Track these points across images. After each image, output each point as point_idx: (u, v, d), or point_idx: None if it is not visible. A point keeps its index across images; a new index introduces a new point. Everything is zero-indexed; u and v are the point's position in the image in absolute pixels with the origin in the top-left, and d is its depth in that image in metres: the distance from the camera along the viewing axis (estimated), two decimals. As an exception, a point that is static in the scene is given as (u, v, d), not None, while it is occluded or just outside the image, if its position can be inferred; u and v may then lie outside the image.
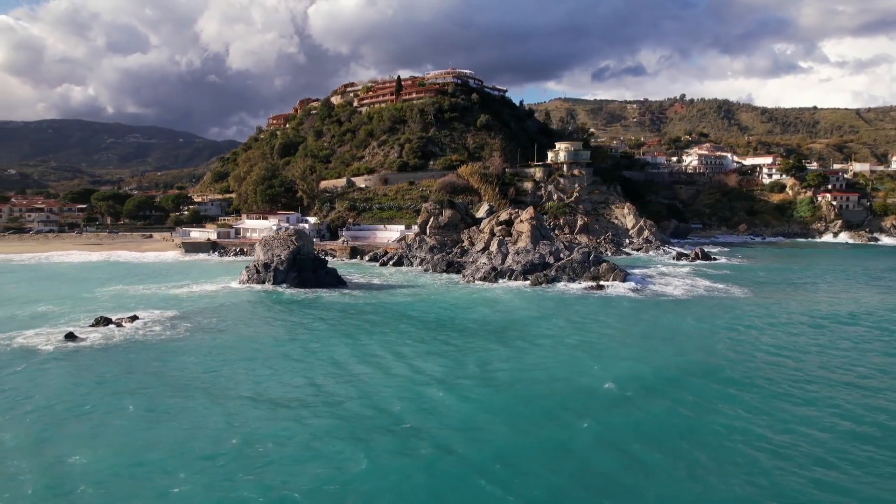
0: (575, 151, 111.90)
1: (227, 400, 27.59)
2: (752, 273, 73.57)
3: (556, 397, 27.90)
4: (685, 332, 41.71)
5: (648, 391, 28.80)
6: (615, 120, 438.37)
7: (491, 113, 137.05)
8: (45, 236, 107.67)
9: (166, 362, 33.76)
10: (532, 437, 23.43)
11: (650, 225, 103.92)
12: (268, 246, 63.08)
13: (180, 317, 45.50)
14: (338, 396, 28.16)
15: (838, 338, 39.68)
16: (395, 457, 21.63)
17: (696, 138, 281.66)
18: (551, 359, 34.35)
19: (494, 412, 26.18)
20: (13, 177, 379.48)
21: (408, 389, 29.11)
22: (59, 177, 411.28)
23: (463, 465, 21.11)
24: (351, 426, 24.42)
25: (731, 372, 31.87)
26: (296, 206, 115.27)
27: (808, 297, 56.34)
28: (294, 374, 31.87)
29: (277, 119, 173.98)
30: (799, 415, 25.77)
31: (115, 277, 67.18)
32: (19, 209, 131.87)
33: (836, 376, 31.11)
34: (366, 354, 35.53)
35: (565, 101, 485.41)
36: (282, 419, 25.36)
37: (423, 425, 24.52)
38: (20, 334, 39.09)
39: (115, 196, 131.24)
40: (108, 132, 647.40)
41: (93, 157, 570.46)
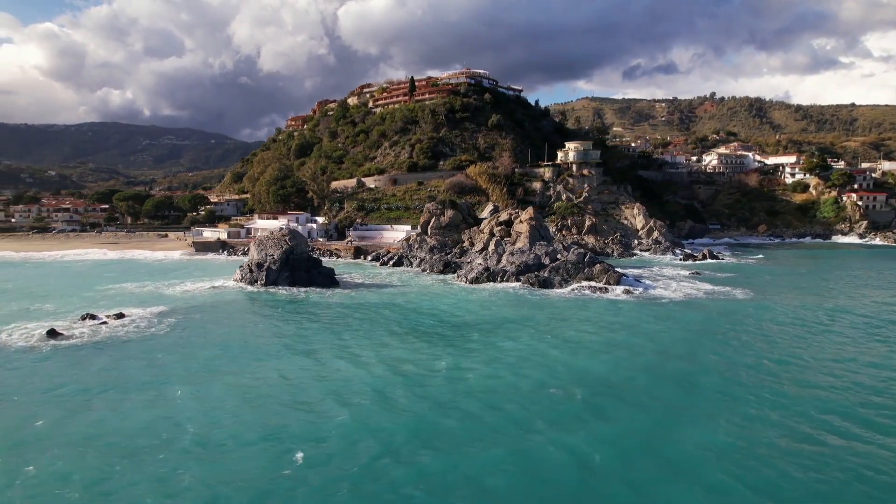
0: (584, 151, 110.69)
1: (184, 394, 28.25)
2: (759, 276, 71.63)
3: (491, 402, 27.68)
4: (656, 335, 40.85)
5: (593, 397, 28.39)
6: (643, 119, 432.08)
7: (504, 113, 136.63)
8: (67, 235, 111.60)
9: (136, 358, 34.64)
10: (451, 447, 23.37)
11: (660, 226, 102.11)
12: (262, 245, 64.14)
13: (165, 314, 46.63)
14: (263, 390, 28.55)
15: (824, 350, 38.23)
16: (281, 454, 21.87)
17: (723, 137, 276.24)
18: (497, 363, 33.83)
19: (403, 411, 26.20)
20: (53, 178, 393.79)
21: (340, 387, 29.32)
22: (96, 178, 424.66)
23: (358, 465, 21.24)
24: (261, 418, 24.77)
25: (694, 380, 31.19)
26: (308, 206, 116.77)
27: (810, 301, 54.56)
28: (250, 368, 32.42)
29: (296, 120, 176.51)
30: (751, 426, 25.13)
31: (119, 276, 69.20)
32: (47, 209, 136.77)
33: (794, 390, 30.18)
34: (316, 352, 35.98)
35: (592, 100, 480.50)
36: (224, 411, 25.86)
37: (337, 422, 24.72)
38: (4, 329, 40.67)
39: (136, 196, 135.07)
40: (143, 134, 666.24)
41: (129, 159, 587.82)
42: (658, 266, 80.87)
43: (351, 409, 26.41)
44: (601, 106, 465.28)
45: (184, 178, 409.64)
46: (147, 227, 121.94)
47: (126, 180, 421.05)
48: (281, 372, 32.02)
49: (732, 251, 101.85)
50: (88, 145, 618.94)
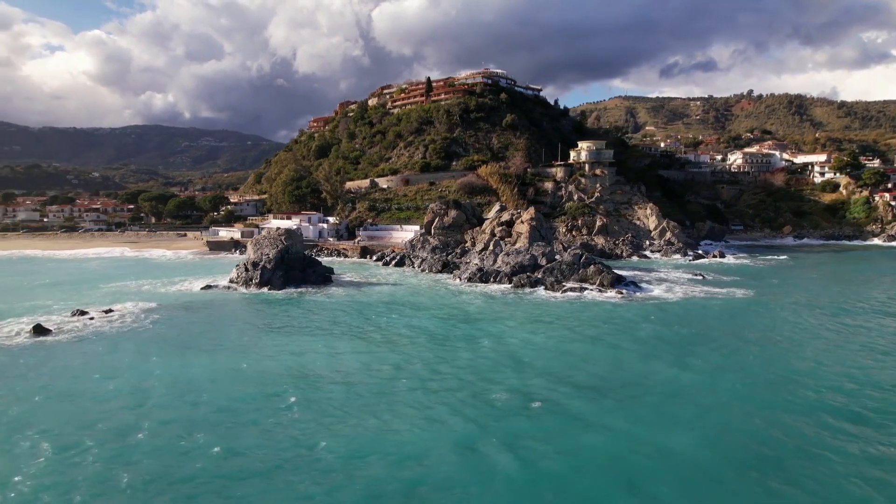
0: (597, 150, 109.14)
1: (144, 385, 29.23)
2: (766, 278, 69.39)
3: (425, 402, 27.76)
4: (619, 336, 40.11)
5: (525, 403, 28.17)
6: (677, 118, 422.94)
7: (521, 112, 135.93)
8: (92, 234, 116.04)
9: (108, 352, 35.91)
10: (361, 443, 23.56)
11: (673, 226, 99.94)
12: (258, 245, 65.42)
13: (150, 310, 48.09)
14: (216, 383, 29.21)
15: (799, 356, 36.97)
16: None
17: (757, 136, 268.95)
18: (450, 363, 33.81)
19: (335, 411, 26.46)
20: (96, 179, 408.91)
21: (297, 381, 29.81)
22: (136, 179, 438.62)
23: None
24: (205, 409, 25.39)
25: (631, 389, 30.62)
26: (322, 206, 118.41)
27: (809, 305, 52.74)
28: (211, 363, 33.25)
29: (318, 122, 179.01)
30: (662, 438, 24.58)
31: (127, 274, 71.64)
32: (79, 210, 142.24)
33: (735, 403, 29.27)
34: (284, 346, 36.59)
35: (625, 99, 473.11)
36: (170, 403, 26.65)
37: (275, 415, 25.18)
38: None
39: (159, 197, 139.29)
40: (183, 136, 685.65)
41: (168, 160, 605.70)
42: (664, 268, 79.27)
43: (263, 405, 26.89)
44: (634, 105, 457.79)
45: (219, 179, 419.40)
46: (169, 226, 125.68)
47: (164, 181, 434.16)
48: (226, 364, 32.87)
49: (750, 253, 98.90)
50: (131, 147, 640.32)
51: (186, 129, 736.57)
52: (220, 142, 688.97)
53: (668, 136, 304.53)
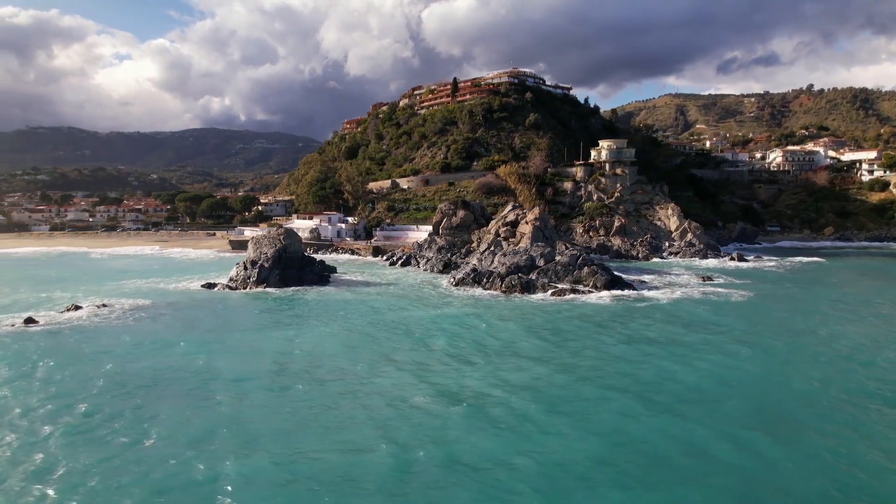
0: (618, 149, 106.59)
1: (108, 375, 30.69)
2: (780, 283, 66.27)
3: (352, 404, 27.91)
4: (576, 340, 39.07)
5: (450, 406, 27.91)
6: (729, 115, 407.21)
7: (547, 112, 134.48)
8: (129, 234, 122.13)
9: (87, 344, 37.74)
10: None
11: (694, 227, 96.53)
12: (258, 244, 67.19)
13: (143, 307, 50.19)
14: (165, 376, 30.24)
15: (766, 367, 35.10)
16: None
17: (812, 132, 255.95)
18: (390, 366, 33.90)
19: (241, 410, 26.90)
20: (154, 181, 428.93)
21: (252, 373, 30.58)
22: (192, 180, 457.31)
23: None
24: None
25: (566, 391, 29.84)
26: (346, 206, 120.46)
27: (802, 316, 49.98)
28: (180, 355, 34.50)
29: (350, 123, 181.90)
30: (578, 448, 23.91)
31: (142, 271, 75.03)
32: (123, 210, 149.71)
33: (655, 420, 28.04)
34: (246, 340, 37.50)
35: (676, 97, 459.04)
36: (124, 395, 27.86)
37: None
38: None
39: (194, 198, 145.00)
40: (237, 139, 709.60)
41: (223, 162, 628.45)
42: (676, 269, 76.77)
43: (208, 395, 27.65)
44: (685, 103, 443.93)
45: (268, 180, 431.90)
46: (202, 226, 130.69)
47: (218, 182, 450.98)
48: (187, 359, 33.90)
49: (781, 255, 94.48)
50: (189, 150, 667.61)
51: (241, 131, 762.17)
52: (272, 143, 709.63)
53: (715, 135, 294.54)
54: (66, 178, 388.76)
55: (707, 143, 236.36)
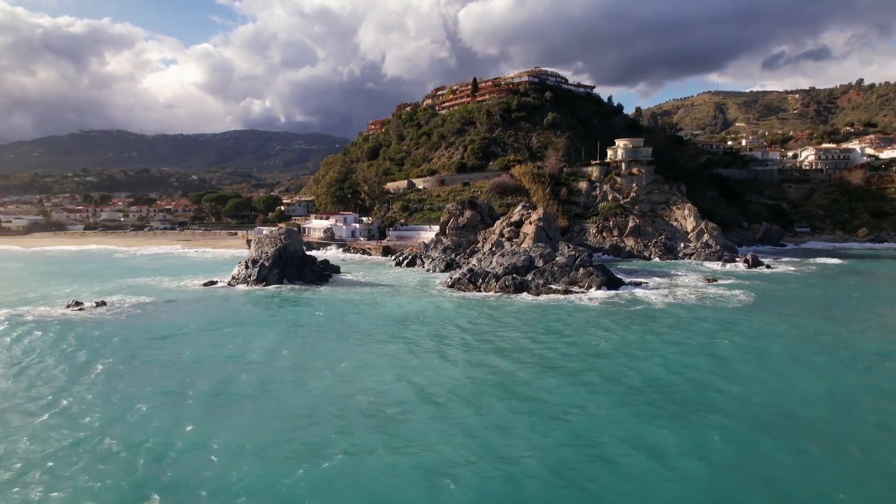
0: (634, 149, 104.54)
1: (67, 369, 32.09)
2: (793, 287, 63.86)
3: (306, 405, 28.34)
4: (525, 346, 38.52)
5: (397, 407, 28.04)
6: (771, 113, 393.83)
7: (567, 111, 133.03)
8: (154, 233, 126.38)
9: (73, 337, 39.41)
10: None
11: (711, 228, 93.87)
12: (259, 244, 68.63)
13: (138, 304, 51.93)
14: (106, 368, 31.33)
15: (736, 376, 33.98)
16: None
17: (859, 129, 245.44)
18: (350, 365, 34.21)
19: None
20: (195, 181, 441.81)
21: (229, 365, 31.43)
22: (232, 181, 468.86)
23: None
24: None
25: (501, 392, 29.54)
26: (363, 206, 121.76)
27: (811, 323, 48.07)
28: (158, 350, 35.71)
29: (375, 124, 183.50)
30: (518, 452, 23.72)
31: (154, 269, 77.49)
32: (154, 210, 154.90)
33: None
34: (227, 336, 38.43)
35: (715, 94, 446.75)
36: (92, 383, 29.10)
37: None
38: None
39: (220, 198, 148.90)
40: (276, 140, 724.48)
41: (262, 163, 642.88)
42: (683, 270, 74.90)
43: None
44: (724, 100, 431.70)
45: (304, 181, 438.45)
46: (225, 225, 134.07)
47: (256, 182, 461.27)
48: (148, 351, 35.01)
49: (804, 257, 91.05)
50: (230, 151, 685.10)
51: (280, 133, 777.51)
52: (310, 145, 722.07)
53: (752, 133, 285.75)
54: (112, 180, 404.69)
55: (743, 141, 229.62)
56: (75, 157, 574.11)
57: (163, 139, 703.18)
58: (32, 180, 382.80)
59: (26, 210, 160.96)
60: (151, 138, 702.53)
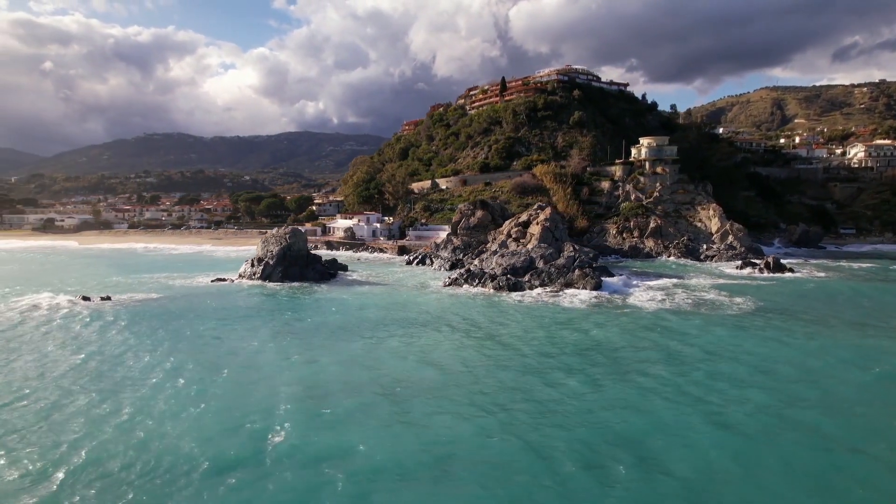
0: (658, 147, 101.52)
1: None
2: (804, 294, 60.69)
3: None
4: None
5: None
6: (834, 108, 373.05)
7: (597, 109, 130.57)
8: (190, 232, 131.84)
9: (64, 330, 41.90)
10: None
11: (737, 229, 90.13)
12: (266, 243, 70.56)
13: (141, 300, 54.50)
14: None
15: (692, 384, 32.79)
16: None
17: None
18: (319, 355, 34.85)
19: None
20: (247, 182, 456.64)
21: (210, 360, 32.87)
22: (283, 181, 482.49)
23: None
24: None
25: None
26: (388, 206, 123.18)
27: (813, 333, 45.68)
28: (141, 347, 37.56)
29: (409, 125, 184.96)
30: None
31: (171, 266, 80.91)
32: (194, 210, 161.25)
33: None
34: (210, 331, 39.93)
35: (773, 90, 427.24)
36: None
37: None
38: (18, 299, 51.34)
39: (255, 198, 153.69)
40: (328, 141, 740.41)
41: (314, 164, 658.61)
42: (697, 274, 72.27)
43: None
44: (783, 96, 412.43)
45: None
46: (259, 224, 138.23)
47: (305, 182, 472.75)
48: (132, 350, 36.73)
49: (838, 261, 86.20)
50: (283, 153, 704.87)
51: (332, 134, 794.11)
52: (361, 146, 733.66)
53: (810, 129, 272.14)
54: (170, 180, 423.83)
55: (797, 138, 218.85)
56: (140, 159, 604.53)
57: (220, 141, 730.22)
58: (99, 181, 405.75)
59: (82, 210, 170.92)
60: (210, 140, 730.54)
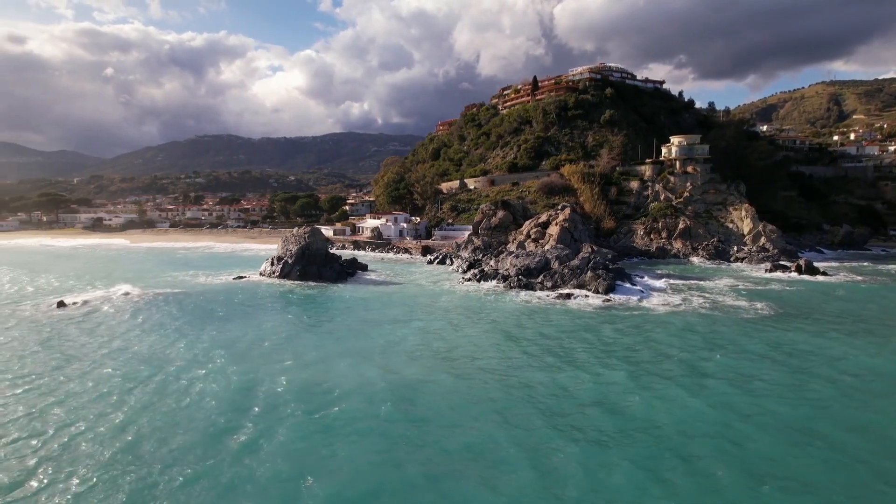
0: (689, 146, 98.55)
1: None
2: (831, 299, 58.01)
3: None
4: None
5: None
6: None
7: (630, 108, 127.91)
8: (226, 231, 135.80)
9: (75, 323, 44.09)
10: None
11: (770, 230, 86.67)
12: (286, 242, 72.09)
13: (156, 295, 56.67)
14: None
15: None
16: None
17: None
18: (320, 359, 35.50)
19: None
20: (292, 182, 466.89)
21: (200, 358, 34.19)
22: (327, 182, 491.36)
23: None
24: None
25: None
26: (417, 206, 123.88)
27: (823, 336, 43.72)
28: (141, 341, 39.24)
29: (444, 125, 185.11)
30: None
31: (198, 264, 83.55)
32: (233, 209, 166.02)
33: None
34: (216, 327, 41.29)
35: (830, 84, 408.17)
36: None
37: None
38: (45, 299, 54.18)
39: (290, 198, 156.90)
40: (372, 142, 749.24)
41: (358, 164, 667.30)
42: (721, 276, 69.85)
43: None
44: (841, 91, 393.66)
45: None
46: (293, 224, 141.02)
47: (348, 183, 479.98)
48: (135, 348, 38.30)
49: (881, 265, 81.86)
50: (328, 153, 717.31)
51: (376, 134, 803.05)
52: (404, 146, 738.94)
53: (868, 126, 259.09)
54: (218, 181, 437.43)
55: (852, 135, 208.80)
56: (192, 160, 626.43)
57: (267, 142, 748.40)
58: (152, 182, 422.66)
59: (130, 209, 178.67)
60: (257, 141, 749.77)
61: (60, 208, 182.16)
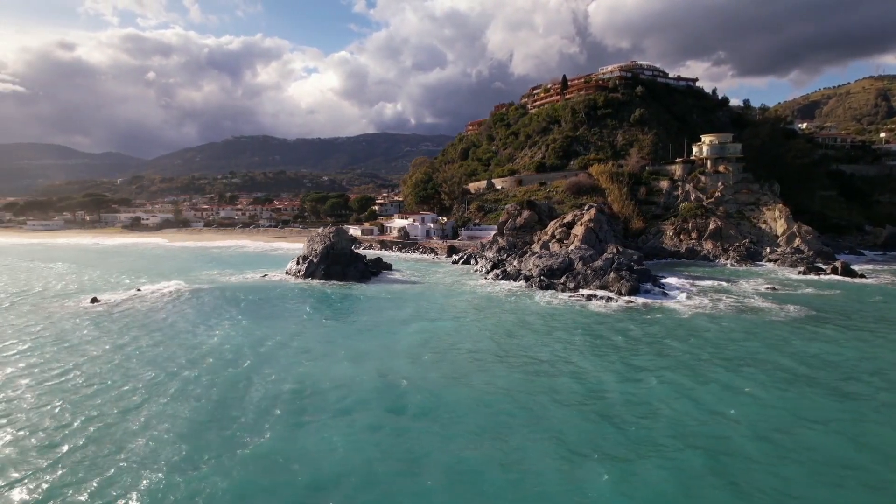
0: (721, 145, 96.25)
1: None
2: (866, 303, 56.00)
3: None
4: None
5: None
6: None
7: (661, 106, 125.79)
8: (258, 230, 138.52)
9: (109, 319, 45.72)
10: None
11: (805, 231, 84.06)
12: (311, 241, 73.17)
13: (188, 290, 58.26)
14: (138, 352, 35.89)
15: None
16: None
17: None
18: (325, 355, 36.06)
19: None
20: (326, 182, 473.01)
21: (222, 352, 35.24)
22: (359, 182, 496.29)
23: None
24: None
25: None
26: (444, 206, 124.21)
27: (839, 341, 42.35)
28: (161, 339, 40.54)
29: (473, 125, 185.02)
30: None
31: (230, 263, 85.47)
32: (266, 209, 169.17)
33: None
34: (236, 325, 42.36)
35: (878, 79, 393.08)
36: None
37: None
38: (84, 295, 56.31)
39: (321, 198, 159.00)
40: (405, 142, 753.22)
41: (390, 165, 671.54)
42: (751, 278, 68.04)
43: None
44: (890, 86, 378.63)
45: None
46: (323, 223, 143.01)
47: (381, 183, 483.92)
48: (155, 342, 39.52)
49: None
50: (361, 154, 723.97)
51: (409, 135, 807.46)
52: (437, 146, 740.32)
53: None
54: (254, 181, 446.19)
55: (881, 133, 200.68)
56: (229, 160, 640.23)
57: (302, 143, 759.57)
58: (190, 182, 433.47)
59: (167, 209, 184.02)
60: (293, 142, 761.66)
61: (102, 208, 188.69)
